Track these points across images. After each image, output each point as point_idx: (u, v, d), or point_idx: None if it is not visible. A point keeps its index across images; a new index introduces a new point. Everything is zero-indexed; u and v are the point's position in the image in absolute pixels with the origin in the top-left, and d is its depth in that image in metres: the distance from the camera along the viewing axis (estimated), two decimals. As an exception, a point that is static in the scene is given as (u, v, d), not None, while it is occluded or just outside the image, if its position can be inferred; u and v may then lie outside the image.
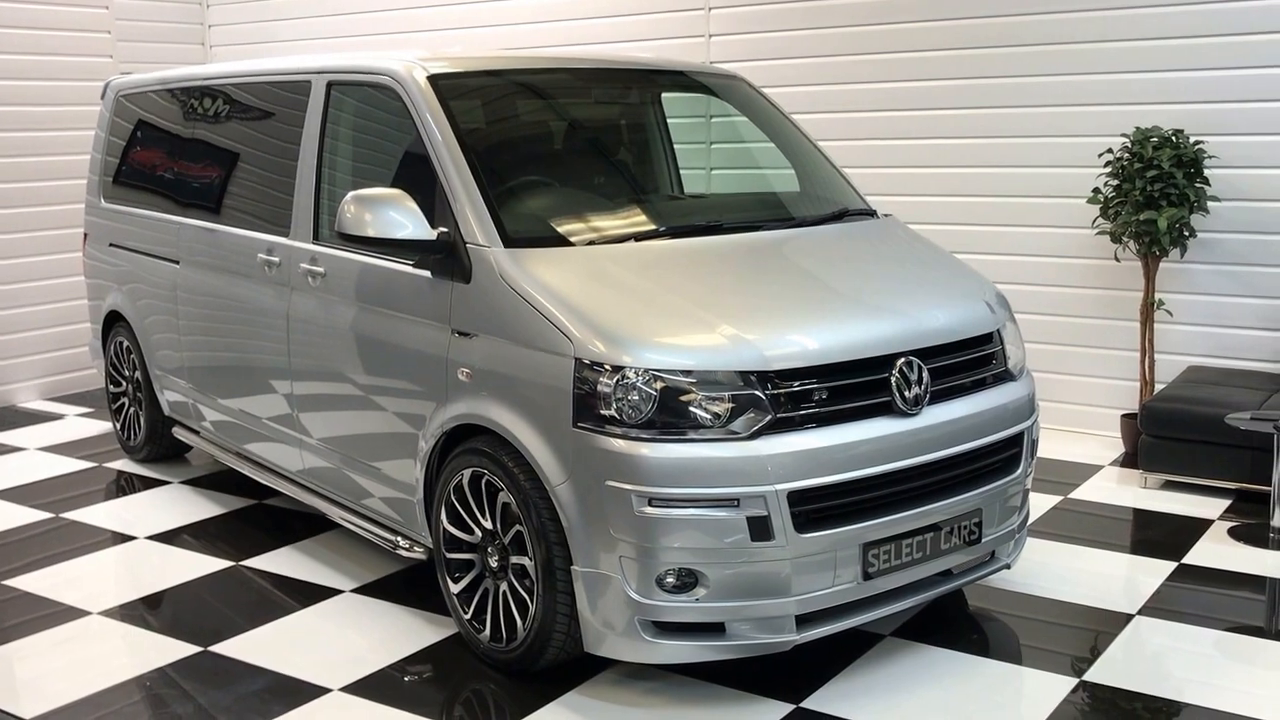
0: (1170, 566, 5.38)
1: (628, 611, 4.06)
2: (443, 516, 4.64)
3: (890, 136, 7.80)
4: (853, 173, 7.73)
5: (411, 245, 4.55)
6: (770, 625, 4.09)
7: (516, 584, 4.37)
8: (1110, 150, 6.82)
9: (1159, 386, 6.94)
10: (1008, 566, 4.74)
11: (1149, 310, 6.84)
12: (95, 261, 7.28)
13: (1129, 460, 6.83)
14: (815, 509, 4.06)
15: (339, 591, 5.25)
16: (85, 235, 7.39)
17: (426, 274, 4.65)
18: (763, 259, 4.67)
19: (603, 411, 4.02)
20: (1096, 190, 6.85)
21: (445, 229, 4.55)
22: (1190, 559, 5.46)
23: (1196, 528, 5.84)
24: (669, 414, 3.98)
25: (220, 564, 5.60)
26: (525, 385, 4.24)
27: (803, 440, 4.03)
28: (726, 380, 4.01)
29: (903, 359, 4.28)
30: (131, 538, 5.97)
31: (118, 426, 7.29)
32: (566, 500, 4.11)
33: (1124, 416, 7.03)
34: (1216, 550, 5.56)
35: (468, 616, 4.59)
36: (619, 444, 3.98)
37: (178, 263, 6.34)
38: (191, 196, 6.32)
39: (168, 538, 5.95)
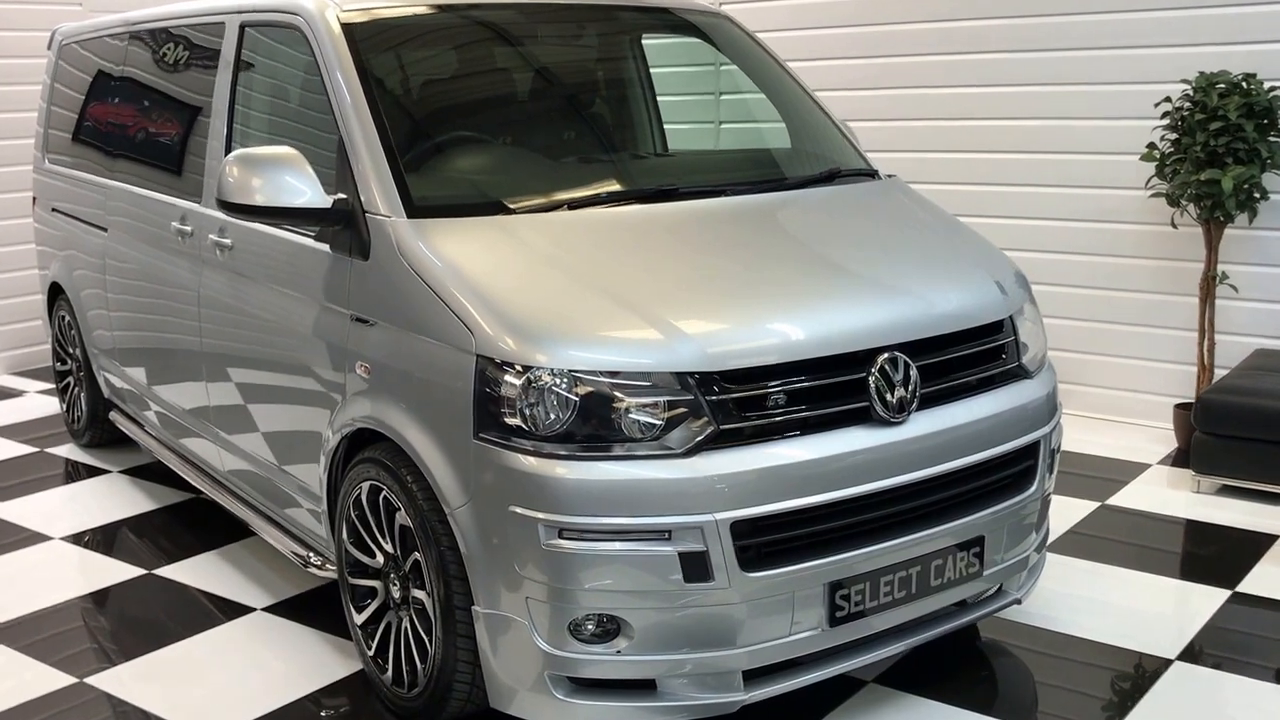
0: (1223, 595, 4.54)
1: (537, 664, 3.35)
2: (344, 534, 3.96)
3: (915, 85, 6.97)
4: (871, 126, 6.94)
5: (304, 214, 3.83)
6: (711, 682, 3.37)
7: (417, 621, 3.68)
8: (1168, 99, 5.93)
9: (1220, 373, 6.07)
10: (1018, 602, 3.96)
11: (1210, 284, 5.97)
12: (41, 226, 6.67)
13: (1182, 458, 5.97)
14: (768, 541, 3.31)
15: (250, 609, 4.59)
16: (34, 198, 6.77)
17: (327, 248, 3.94)
18: (721, 231, 3.90)
19: (509, 420, 3.29)
20: (1151, 146, 5.97)
21: (344, 195, 3.83)
22: (1247, 585, 4.62)
23: (1257, 544, 4.99)
24: (590, 425, 3.25)
25: (130, 572, 4.96)
26: (423, 386, 3.52)
27: (753, 457, 3.28)
28: (661, 383, 3.26)
29: (885, 354, 3.50)
30: (47, 538, 5.35)
31: (64, 408, 6.69)
32: (466, 527, 3.39)
33: (1178, 407, 6.16)
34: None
35: (371, 652, 3.91)
36: (526, 461, 3.25)
37: (106, 230, 5.68)
38: (117, 156, 5.66)
39: (85, 539, 5.34)
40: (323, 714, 3.92)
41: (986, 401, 3.71)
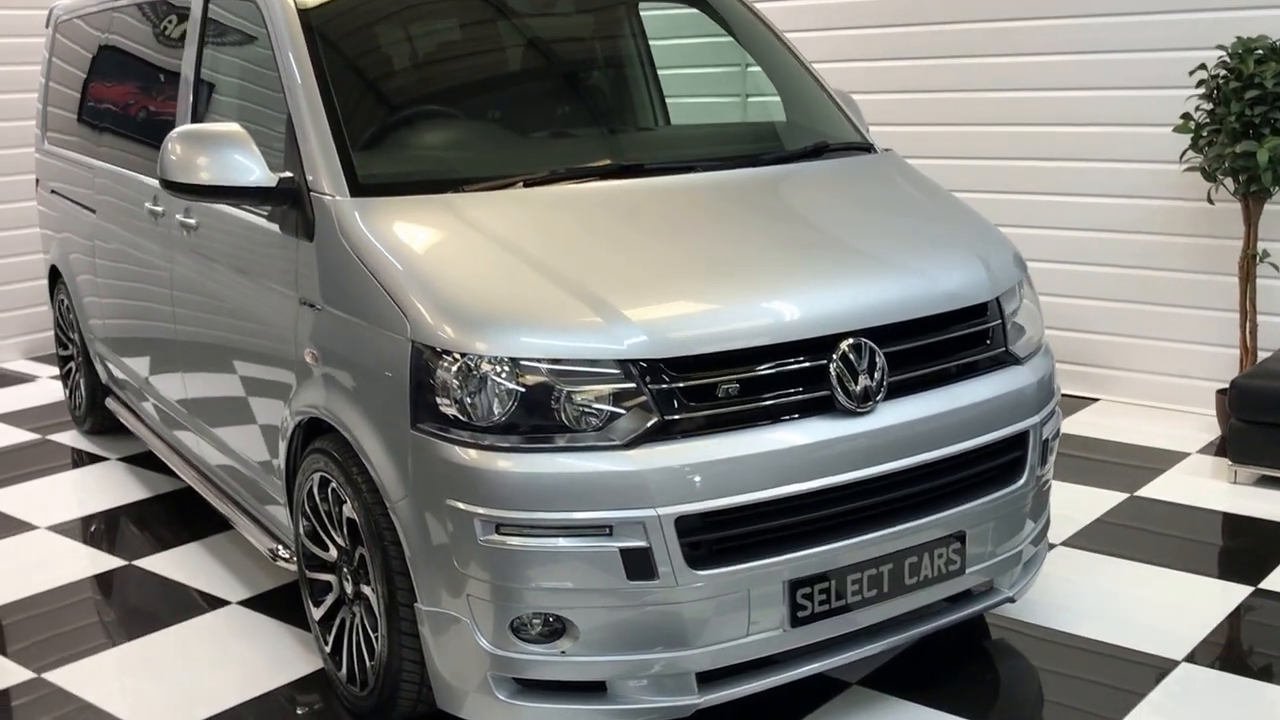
0: (1244, 592, 4.24)
1: (480, 664, 3.17)
2: (300, 527, 3.80)
3: (937, 55, 6.66)
4: (888, 99, 6.66)
5: (248, 193, 3.67)
6: (664, 685, 3.17)
7: (366, 618, 3.51)
8: (1203, 67, 5.57)
9: (1264, 356, 5.72)
10: (1011, 600, 3.70)
11: (1250, 263, 5.63)
12: (43, 208, 6.59)
13: (1224, 447, 5.60)
14: (719, 538, 3.10)
15: (225, 603, 4.45)
16: (36, 180, 6.70)
17: (277, 228, 3.78)
18: (684, 210, 3.67)
19: (446, 411, 3.10)
20: (1186, 117, 5.62)
21: (290, 174, 3.66)
22: (1271, 582, 4.31)
23: (1289, 539, 4.68)
24: (529, 415, 3.06)
25: (110, 564, 4.85)
26: (364, 374, 3.36)
27: (700, 449, 3.06)
28: (604, 372, 3.06)
29: (849, 340, 3.25)
30: (32, 527, 5.26)
31: (66, 394, 6.63)
32: (407, 521, 3.22)
33: (1219, 392, 5.82)
34: (1310, 571, 4.40)
35: (328, 649, 3.75)
36: (461, 453, 3.07)
37: (95, 212, 5.58)
38: (102, 134, 5.54)
39: (70, 529, 5.23)
40: (298, 711, 3.79)
41: (966, 390, 3.46)
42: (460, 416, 3.09)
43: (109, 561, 4.87)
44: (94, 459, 6.11)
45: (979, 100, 6.56)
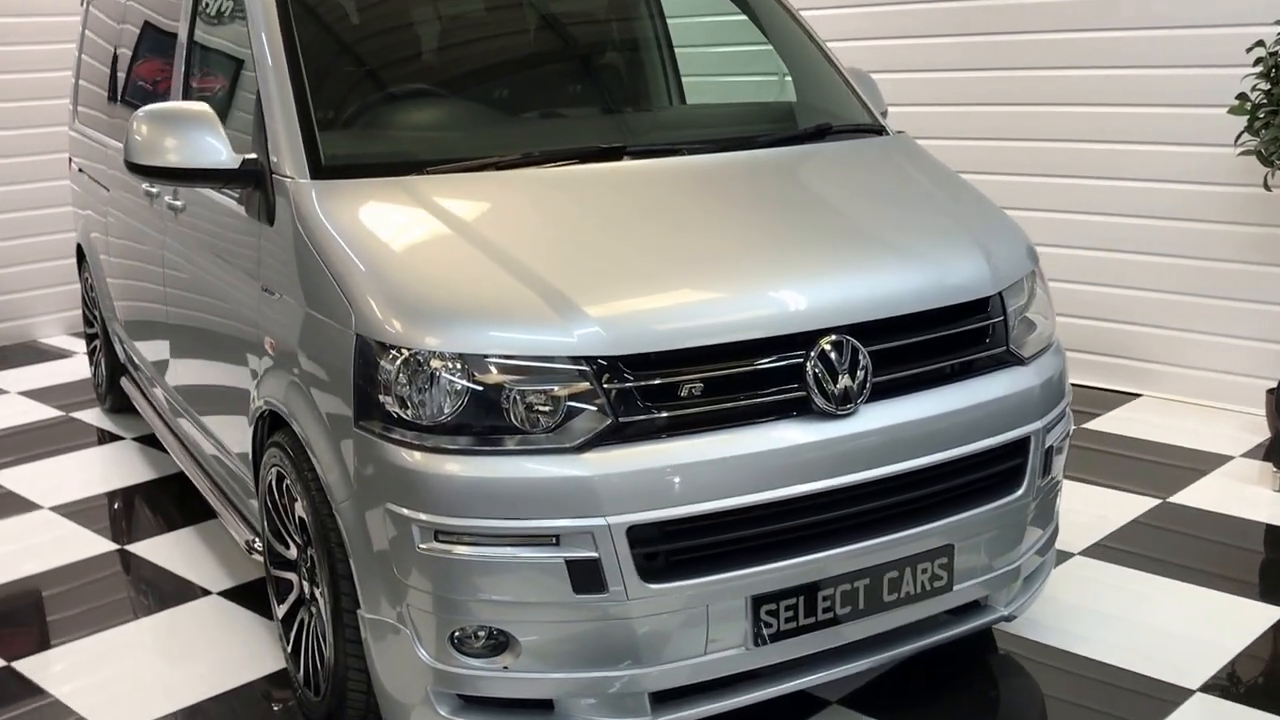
0: (1274, 615, 3.95)
1: (422, 678, 3.01)
2: (264, 522, 3.68)
3: (978, 32, 6.36)
4: (923, 78, 6.40)
5: (209, 176, 3.53)
6: (616, 704, 2.98)
7: (319, 622, 3.37)
8: (1261, 43, 5.22)
9: (1319, 352, 5.40)
10: (1008, 618, 3.46)
11: (1307, 254, 5.30)
12: (73, 186, 6.56)
13: (1271, 450, 5.29)
14: (676, 549, 2.90)
15: (207, 593, 4.36)
16: (69, 157, 6.66)
17: (243, 212, 3.65)
18: (662, 196, 3.46)
19: (390, 409, 2.94)
20: (1242, 97, 5.28)
21: (255, 155, 3.52)
22: (1306, 603, 4.03)
23: (1330, 554, 4.38)
24: (477, 416, 2.88)
25: (104, 547, 4.78)
26: (313, 366, 3.21)
27: (656, 454, 2.87)
28: (557, 369, 2.87)
29: (829, 337, 3.03)
30: (37, 507, 5.22)
31: (91, 371, 6.60)
32: (350, 524, 3.07)
33: (1270, 392, 5.48)
34: (1349, 591, 4.10)
35: (289, 649, 3.62)
36: (404, 455, 2.90)
37: (109, 190, 5.51)
38: (116, 110, 5.46)
39: (72, 510, 5.18)
40: (274, 707, 3.69)
41: (960, 392, 3.22)
42: (405, 415, 2.92)
43: (101, 545, 4.81)
44: (110, 438, 6.08)
45: (1019, 79, 6.26)
